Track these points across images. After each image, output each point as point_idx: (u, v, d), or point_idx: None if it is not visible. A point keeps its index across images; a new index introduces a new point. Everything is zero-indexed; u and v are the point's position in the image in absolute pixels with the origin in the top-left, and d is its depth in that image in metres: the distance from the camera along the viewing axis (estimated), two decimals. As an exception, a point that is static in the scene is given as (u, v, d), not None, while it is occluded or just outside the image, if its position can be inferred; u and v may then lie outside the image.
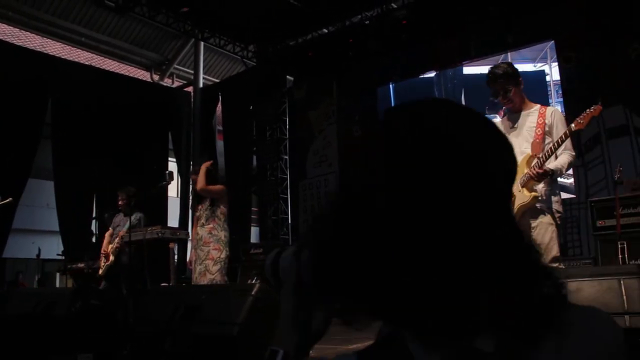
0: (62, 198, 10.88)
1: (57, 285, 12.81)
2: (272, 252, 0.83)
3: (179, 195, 13.75)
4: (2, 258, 10.58)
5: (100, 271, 6.70)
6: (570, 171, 8.40)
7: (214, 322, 2.26)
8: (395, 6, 10.10)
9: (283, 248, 0.83)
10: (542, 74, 9.36)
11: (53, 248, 10.91)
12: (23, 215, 10.88)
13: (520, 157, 3.66)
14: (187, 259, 7.11)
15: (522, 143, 3.67)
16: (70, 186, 10.66)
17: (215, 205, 5.80)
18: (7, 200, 6.73)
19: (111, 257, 6.63)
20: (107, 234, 7.00)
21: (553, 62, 9.06)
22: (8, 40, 11.74)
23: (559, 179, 3.75)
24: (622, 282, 1.86)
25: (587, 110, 3.47)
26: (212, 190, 5.80)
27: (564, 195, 8.50)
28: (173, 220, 13.20)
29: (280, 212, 12.12)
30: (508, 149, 0.70)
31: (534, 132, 3.62)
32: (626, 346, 0.66)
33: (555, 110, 3.72)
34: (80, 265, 7.45)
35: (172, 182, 5.50)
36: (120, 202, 6.89)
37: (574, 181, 8.42)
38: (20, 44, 12.03)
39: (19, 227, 10.97)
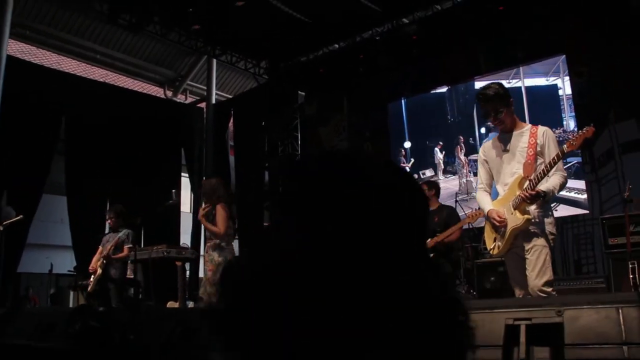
0: (75, 214, 10.96)
1: (71, 299, 12.88)
2: None
3: (192, 211, 13.77)
4: (17, 273, 10.65)
5: (90, 288, 6.81)
6: (584, 186, 8.32)
7: (209, 346, 2.25)
8: (406, 21, 10.11)
9: None
10: (554, 88, 9.28)
11: (67, 263, 10.97)
12: (37, 230, 10.97)
13: (511, 179, 3.63)
14: None
15: (513, 165, 3.63)
16: (84, 202, 10.74)
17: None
18: (18, 217, 6.83)
19: (99, 271, 6.74)
20: (97, 252, 7.10)
21: (566, 75, 8.99)
22: (25, 58, 11.91)
23: (569, 194, 3.72)
24: (620, 310, 1.80)
25: (580, 131, 3.44)
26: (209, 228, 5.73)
27: (578, 211, 8.42)
28: (186, 236, 13.24)
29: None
30: (418, 195, 0.69)
31: (525, 153, 3.58)
32: None
33: (546, 130, 3.65)
34: (91, 281, 7.50)
35: (178, 200, 5.47)
36: (109, 220, 7.11)
37: (588, 197, 8.32)
38: (37, 61, 12.21)
39: (33, 242, 11.05)
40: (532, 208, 3.51)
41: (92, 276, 6.85)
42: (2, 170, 9.54)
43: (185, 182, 13.70)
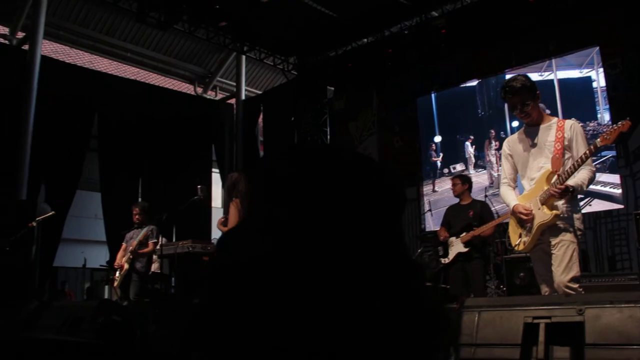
0: (108, 209, 11.16)
1: (105, 293, 13.15)
2: None
3: (223, 206, 13.89)
4: (53, 267, 10.92)
5: (115, 283, 6.99)
6: (618, 180, 8.12)
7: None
8: (435, 14, 10.00)
9: None
10: (588, 80, 9.05)
11: (101, 257, 11.22)
12: (72, 225, 11.24)
13: (538, 174, 3.54)
14: None
15: (540, 159, 3.54)
16: (117, 197, 10.92)
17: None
18: (50, 213, 6.99)
19: (125, 266, 6.93)
20: (121, 249, 7.28)
21: (600, 67, 8.76)
22: (59, 58, 12.16)
23: (604, 188, 3.62)
24: (643, 310, 1.76)
25: (615, 125, 3.30)
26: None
27: (613, 206, 8.22)
28: (217, 231, 13.38)
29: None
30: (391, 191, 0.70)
31: (553, 147, 3.48)
32: None
33: (574, 123, 3.54)
34: (117, 277, 7.65)
35: (204, 196, 5.51)
36: (135, 217, 7.21)
37: (622, 191, 8.12)
38: (70, 61, 12.45)
39: (68, 237, 11.32)
40: (560, 203, 3.43)
41: (119, 272, 7.03)
42: (38, 168, 9.77)
43: (216, 177, 13.84)
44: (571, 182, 3.36)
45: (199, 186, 5.79)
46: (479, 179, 9.68)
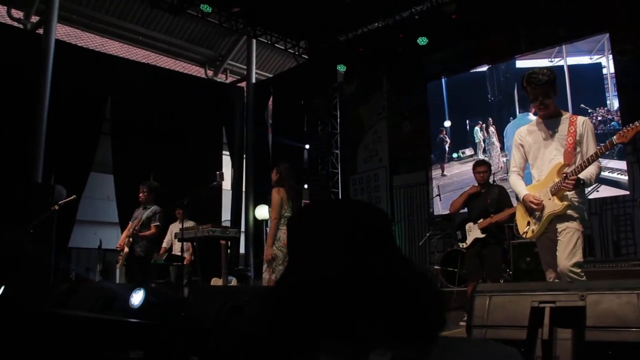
0: (121, 191, 11.37)
1: (117, 275, 13.36)
2: None
3: (232, 188, 14.07)
4: (68, 247, 11.15)
5: (118, 264, 6.78)
6: (625, 167, 8.22)
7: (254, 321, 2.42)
8: (445, 0, 10.04)
9: None
10: (598, 66, 9.09)
11: (114, 239, 11.40)
12: (85, 207, 11.43)
13: (549, 165, 3.67)
14: None
15: (552, 151, 3.67)
16: (129, 179, 11.09)
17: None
18: (71, 197, 7.08)
19: (126, 249, 6.64)
20: (126, 229, 6.99)
21: (610, 54, 8.80)
22: (71, 41, 12.28)
23: (611, 175, 3.72)
24: (640, 296, 1.91)
25: (631, 124, 3.35)
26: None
27: (619, 192, 8.32)
28: (226, 213, 13.60)
29: (330, 206, 12.24)
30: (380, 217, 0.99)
31: (565, 141, 3.61)
32: None
33: (586, 120, 3.67)
34: (120, 258, 7.70)
35: (222, 181, 5.63)
36: (140, 195, 6.94)
37: (629, 178, 8.22)
38: (82, 44, 12.57)
39: (82, 219, 11.54)
40: (570, 194, 3.57)
41: (121, 253, 6.76)
42: (53, 151, 9.94)
43: (226, 160, 14.00)
44: (581, 175, 3.49)
45: (217, 172, 5.86)
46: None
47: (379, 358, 0.84)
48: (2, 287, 4.18)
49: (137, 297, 2.76)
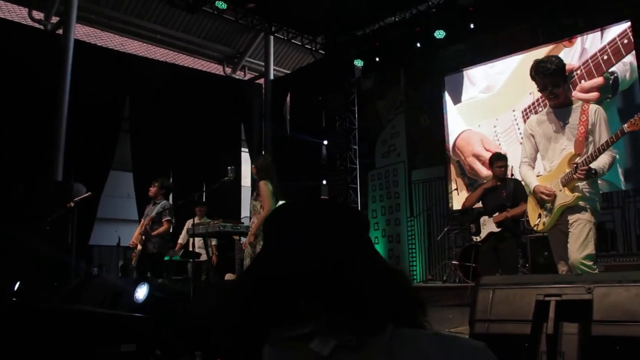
0: (140, 189, 11.44)
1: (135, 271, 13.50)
2: None
3: (251, 185, 14.08)
4: (89, 245, 11.28)
5: (133, 261, 6.73)
6: None
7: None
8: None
9: None
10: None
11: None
12: (106, 205, 11.55)
13: (560, 155, 3.57)
14: None
15: (563, 141, 3.56)
16: (148, 177, 11.12)
17: (257, 200, 5.74)
18: (87, 194, 7.14)
19: (139, 247, 6.60)
20: (139, 226, 6.96)
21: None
22: (91, 41, 12.41)
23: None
24: (649, 289, 1.83)
25: None
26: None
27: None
28: (246, 210, 13.62)
29: (350, 202, 12.22)
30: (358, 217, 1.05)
31: (576, 130, 3.49)
32: None
33: (598, 108, 3.54)
34: (134, 255, 7.73)
35: (233, 177, 5.58)
36: (150, 189, 6.90)
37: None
38: (101, 44, 12.69)
39: (102, 217, 11.66)
40: (581, 185, 3.47)
41: (135, 251, 6.73)
42: (73, 150, 10.05)
43: (245, 156, 14.03)
44: (593, 164, 3.38)
45: (229, 167, 5.80)
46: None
47: (322, 345, 0.86)
48: (18, 283, 4.24)
49: (141, 292, 2.77)
